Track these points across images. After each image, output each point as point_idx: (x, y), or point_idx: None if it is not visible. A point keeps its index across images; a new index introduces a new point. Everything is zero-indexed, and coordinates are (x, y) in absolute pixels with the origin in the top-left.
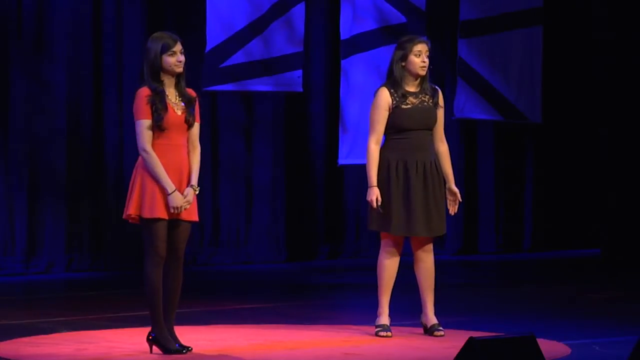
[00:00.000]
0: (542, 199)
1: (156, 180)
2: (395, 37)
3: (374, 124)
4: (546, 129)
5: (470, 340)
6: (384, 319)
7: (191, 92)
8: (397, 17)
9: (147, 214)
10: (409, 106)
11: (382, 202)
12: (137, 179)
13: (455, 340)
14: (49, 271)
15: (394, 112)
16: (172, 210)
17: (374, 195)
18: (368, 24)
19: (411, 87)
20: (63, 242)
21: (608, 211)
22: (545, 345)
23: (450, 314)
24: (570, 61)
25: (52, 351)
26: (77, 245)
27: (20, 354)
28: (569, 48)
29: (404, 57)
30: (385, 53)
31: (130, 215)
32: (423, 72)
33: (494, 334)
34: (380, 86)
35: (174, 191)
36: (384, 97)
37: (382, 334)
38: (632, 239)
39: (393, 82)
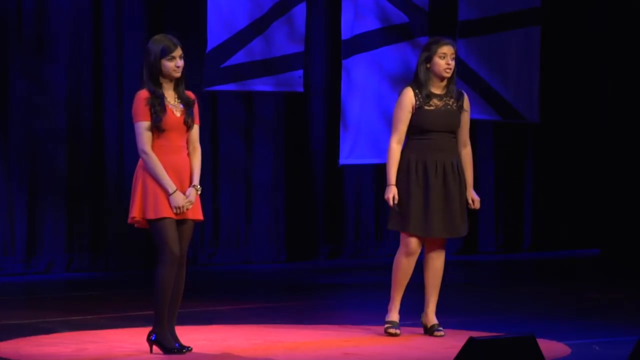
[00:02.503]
0: (542, 199)
1: (157, 180)
2: (398, 37)
3: (396, 123)
4: (545, 128)
5: (470, 340)
6: (394, 315)
7: (190, 94)
8: (399, 16)
9: (152, 215)
10: (432, 108)
11: (401, 202)
12: (139, 181)
13: (455, 340)
14: (49, 271)
15: (417, 112)
16: (174, 211)
17: (391, 193)
18: (370, 24)
19: (436, 89)
20: (63, 242)
21: (608, 211)
22: (545, 345)
23: (450, 314)
24: (568, 61)
25: (52, 351)
26: (77, 245)
27: (20, 354)
28: (567, 48)
29: (429, 59)
30: (387, 53)
31: (135, 218)
32: (447, 75)
33: (494, 334)
34: (406, 86)
35: (175, 191)
36: (408, 97)
37: (391, 330)
38: (632, 239)
39: (418, 83)
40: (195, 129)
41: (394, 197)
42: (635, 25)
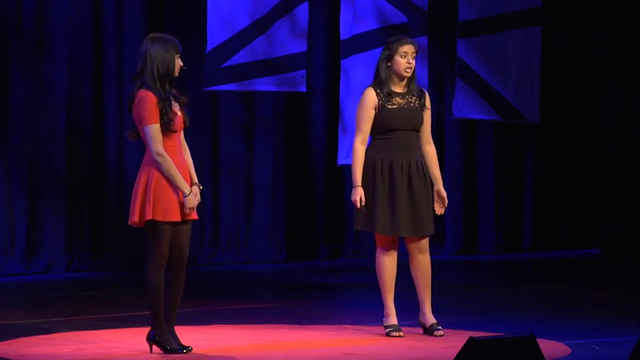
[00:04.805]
0: (542, 199)
1: (172, 182)
2: None
3: (359, 123)
4: (545, 129)
5: (470, 340)
6: (393, 319)
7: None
8: (398, 16)
9: (160, 217)
10: (395, 106)
11: (367, 202)
12: (152, 182)
13: (455, 340)
14: (49, 271)
15: (380, 111)
16: (187, 211)
17: (358, 195)
18: (368, 24)
19: (397, 88)
20: (63, 242)
21: (608, 211)
22: (545, 345)
23: (450, 314)
24: (568, 61)
25: (52, 351)
26: (77, 245)
27: (20, 354)
28: (568, 48)
29: (390, 58)
30: None
31: (147, 220)
32: (407, 74)
33: (494, 334)
34: (368, 86)
35: (190, 192)
36: (370, 97)
37: (394, 334)
38: (632, 238)
39: (379, 82)
40: None
41: (361, 199)
42: (635, 24)
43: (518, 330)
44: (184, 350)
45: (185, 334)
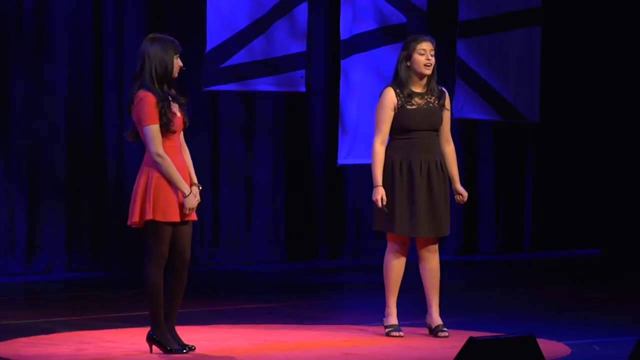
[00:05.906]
0: (542, 199)
1: (172, 183)
2: (396, 37)
3: (379, 124)
4: (545, 129)
5: (470, 340)
6: (393, 319)
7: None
8: (397, 17)
9: (160, 217)
10: (414, 106)
11: (387, 202)
12: (152, 183)
13: (455, 340)
14: (49, 271)
15: (399, 112)
16: (187, 212)
17: (379, 194)
18: (368, 24)
19: (417, 88)
20: (63, 242)
21: (608, 211)
22: (545, 345)
23: (450, 314)
24: (568, 61)
25: (52, 351)
26: (77, 245)
27: (20, 354)
28: (568, 48)
29: (409, 57)
30: (385, 53)
31: (146, 220)
32: (427, 71)
33: (494, 334)
34: (387, 86)
35: (190, 193)
36: (390, 97)
37: (394, 334)
38: (632, 239)
39: (399, 82)
40: None
41: (382, 199)
42: (635, 24)
43: (518, 330)
44: (184, 350)
45: (185, 334)
